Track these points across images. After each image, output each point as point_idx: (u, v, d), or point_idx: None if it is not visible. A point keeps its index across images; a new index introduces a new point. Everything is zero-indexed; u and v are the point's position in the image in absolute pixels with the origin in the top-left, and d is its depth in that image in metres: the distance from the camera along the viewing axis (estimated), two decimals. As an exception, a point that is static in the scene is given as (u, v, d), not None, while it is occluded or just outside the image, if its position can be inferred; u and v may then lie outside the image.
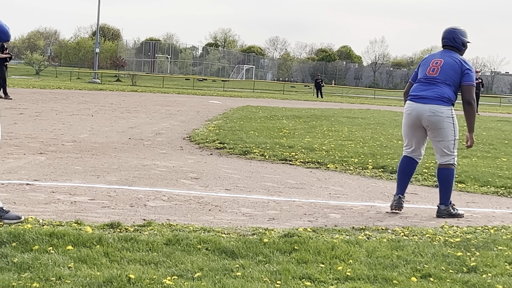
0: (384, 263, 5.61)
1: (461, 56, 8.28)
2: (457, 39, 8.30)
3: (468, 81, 8.08)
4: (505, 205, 9.13)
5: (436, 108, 8.00)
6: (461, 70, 8.09)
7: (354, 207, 8.43)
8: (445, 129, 8.05)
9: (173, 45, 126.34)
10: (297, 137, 15.94)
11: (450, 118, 8.05)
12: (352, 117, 25.14)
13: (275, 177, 10.48)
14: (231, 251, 5.71)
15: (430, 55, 8.52)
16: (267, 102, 39.90)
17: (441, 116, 8.01)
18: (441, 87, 8.05)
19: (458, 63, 8.12)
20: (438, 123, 8.03)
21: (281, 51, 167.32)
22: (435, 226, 7.32)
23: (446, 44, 8.36)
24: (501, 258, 5.94)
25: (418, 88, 8.23)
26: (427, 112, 8.03)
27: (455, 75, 8.08)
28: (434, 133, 8.11)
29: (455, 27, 8.42)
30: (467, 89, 8.09)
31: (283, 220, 7.39)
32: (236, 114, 24.23)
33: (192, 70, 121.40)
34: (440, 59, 8.21)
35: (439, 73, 8.11)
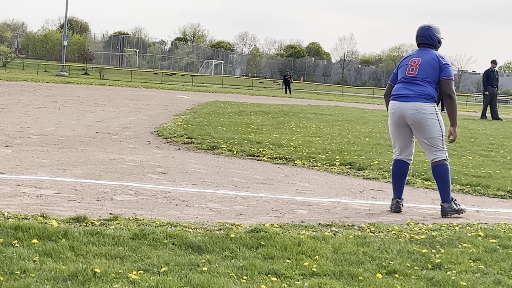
0: (350, 259, 5.63)
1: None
2: (433, 37, 8.34)
3: (447, 75, 8.12)
4: (470, 202, 9.21)
5: (418, 105, 8.02)
6: (439, 65, 8.13)
7: (321, 203, 8.45)
8: (430, 126, 8.06)
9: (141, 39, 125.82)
10: (265, 133, 15.95)
11: (434, 115, 8.07)
12: (320, 113, 25.22)
13: (243, 173, 10.48)
14: (198, 246, 5.70)
15: (407, 55, 8.53)
16: (235, 97, 39.89)
17: (424, 114, 8.03)
18: (422, 85, 8.08)
19: (435, 59, 8.16)
20: (422, 121, 8.04)
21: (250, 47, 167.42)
22: (401, 223, 7.36)
23: (422, 42, 8.38)
24: (465, 255, 5.99)
25: (399, 88, 8.26)
26: (410, 110, 8.04)
27: (434, 72, 8.11)
28: (420, 131, 8.12)
29: (429, 25, 8.45)
30: (446, 83, 8.13)
31: (250, 216, 7.39)
32: (204, 109, 24.20)
33: (161, 65, 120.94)
34: (418, 58, 8.24)
35: (418, 72, 8.14)
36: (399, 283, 5.08)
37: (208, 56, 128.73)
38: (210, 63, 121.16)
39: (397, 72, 8.48)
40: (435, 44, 8.36)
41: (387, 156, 12.83)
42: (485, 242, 6.51)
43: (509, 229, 7.23)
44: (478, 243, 6.46)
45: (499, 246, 6.39)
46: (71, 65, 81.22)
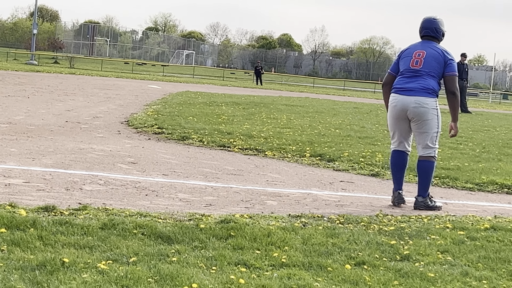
0: (319, 251, 5.65)
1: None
2: (439, 30, 8.32)
3: (451, 72, 8.13)
4: (438, 195, 9.27)
5: (421, 99, 8.01)
6: (444, 61, 8.11)
7: (291, 195, 8.47)
8: (429, 121, 8.07)
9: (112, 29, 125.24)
10: (236, 124, 15.94)
11: (435, 110, 8.08)
12: (291, 105, 25.24)
13: (213, 163, 10.47)
14: (167, 237, 5.69)
15: (410, 46, 8.42)
16: (206, 88, 39.81)
17: (426, 108, 8.02)
18: (426, 79, 8.06)
19: (441, 54, 8.13)
20: (423, 115, 8.04)
21: (222, 37, 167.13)
22: (370, 215, 7.39)
23: (427, 35, 8.34)
24: (433, 247, 6.03)
25: (402, 81, 8.21)
26: (413, 104, 8.02)
27: (438, 67, 8.09)
28: (419, 125, 8.11)
29: (435, 17, 8.41)
30: (451, 79, 8.14)
31: (220, 206, 7.39)
32: (175, 99, 24.13)
33: (132, 54, 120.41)
34: (423, 51, 8.19)
35: (423, 65, 8.10)
36: (367, 274, 5.11)
37: (179, 46, 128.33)
38: (181, 53, 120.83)
39: (398, 62, 8.41)
40: (439, 37, 8.34)
41: (357, 148, 12.89)
42: (453, 234, 6.57)
43: (476, 221, 7.30)
44: (446, 235, 6.51)
45: (467, 238, 6.44)
46: (41, 53, 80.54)
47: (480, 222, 7.27)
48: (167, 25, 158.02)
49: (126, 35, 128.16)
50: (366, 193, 8.97)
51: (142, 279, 4.57)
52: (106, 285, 4.43)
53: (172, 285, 4.53)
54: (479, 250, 6.03)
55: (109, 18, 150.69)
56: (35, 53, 73.02)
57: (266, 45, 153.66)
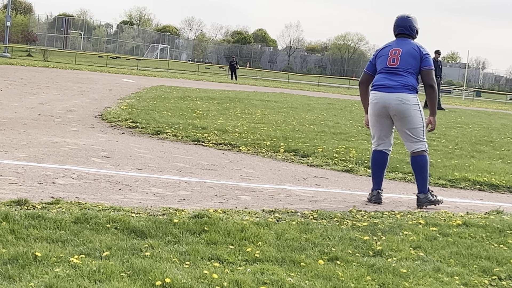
0: (293, 246, 5.66)
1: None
2: (413, 27, 8.37)
3: (428, 65, 8.18)
4: (411, 191, 9.32)
5: (403, 96, 8.05)
6: (420, 56, 8.17)
7: (265, 190, 8.48)
8: (412, 117, 8.11)
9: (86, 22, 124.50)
10: (210, 119, 15.92)
11: (417, 106, 8.13)
12: (265, 100, 25.26)
13: (187, 158, 10.46)
14: (141, 231, 5.67)
15: (386, 45, 8.45)
16: (181, 82, 39.72)
17: (408, 104, 8.06)
18: (405, 76, 8.11)
19: (416, 50, 8.19)
20: (405, 111, 8.07)
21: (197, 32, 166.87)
22: (343, 210, 7.42)
23: (401, 33, 8.39)
24: (406, 243, 6.07)
25: (382, 78, 8.24)
26: (394, 101, 8.06)
27: (415, 62, 8.15)
28: (402, 121, 8.15)
29: (408, 15, 8.46)
30: (428, 73, 8.19)
31: (193, 201, 7.38)
32: (149, 93, 24.05)
33: (106, 48, 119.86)
34: (398, 49, 8.23)
35: (400, 62, 8.15)
36: (340, 270, 5.12)
37: (154, 40, 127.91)
38: (156, 47, 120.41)
39: (374, 61, 8.44)
40: (413, 35, 8.39)
41: (331, 143, 12.93)
42: (425, 230, 6.61)
43: (449, 218, 7.34)
44: (419, 231, 6.55)
45: (439, 234, 6.48)
46: (14, 46, 79.85)
47: (452, 218, 7.32)
48: (142, 19, 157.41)
49: (101, 29, 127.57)
50: (339, 189, 9.00)
51: (115, 274, 4.55)
52: (79, 279, 4.41)
53: (145, 280, 4.51)
54: (451, 246, 6.08)
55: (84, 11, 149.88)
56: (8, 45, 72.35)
57: (241, 40, 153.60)
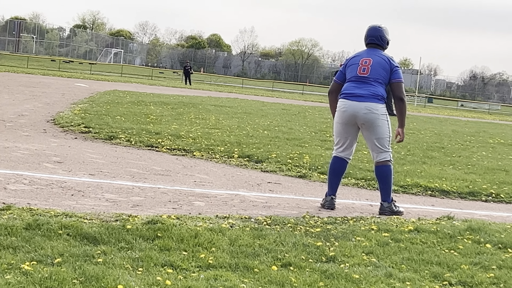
0: (246, 252, 5.67)
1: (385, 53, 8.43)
2: (384, 38, 8.42)
3: (398, 78, 8.23)
4: (364, 196, 9.40)
5: (371, 105, 8.09)
6: (390, 68, 8.21)
7: (219, 195, 8.47)
8: (380, 127, 8.15)
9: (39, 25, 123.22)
10: (164, 124, 15.88)
11: (385, 116, 8.18)
12: (219, 105, 25.25)
13: (141, 163, 10.41)
14: (93, 237, 5.63)
15: (356, 54, 8.50)
16: (135, 87, 39.50)
17: (376, 114, 8.10)
18: (374, 86, 8.15)
19: (387, 61, 8.24)
20: (374, 121, 8.11)
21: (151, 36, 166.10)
22: (297, 216, 7.45)
23: (372, 42, 8.43)
24: (358, 249, 6.11)
25: (351, 87, 8.26)
26: (363, 110, 8.09)
27: (385, 74, 8.19)
28: (370, 131, 8.19)
29: (380, 26, 8.50)
30: (398, 85, 8.25)
31: (147, 207, 7.35)
32: (102, 98, 23.89)
33: (59, 52, 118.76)
34: (369, 58, 8.27)
35: (370, 72, 8.18)
36: (293, 276, 5.15)
37: (108, 44, 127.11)
38: (110, 52, 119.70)
39: (344, 70, 8.46)
40: (384, 45, 8.44)
41: (285, 149, 12.97)
42: (377, 235, 6.66)
43: (401, 223, 7.42)
44: (371, 236, 6.60)
45: (391, 240, 6.55)
46: (-36, 49, 78.78)
47: (404, 224, 7.39)
48: (95, 23, 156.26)
49: (53, 32, 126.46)
50: (293, 195, 9.03)
51: (67, 280, 4.52)
52: (30, 286, 4.37)
53: (97, 286, 4.49)
54: (403, 252, 6.14)
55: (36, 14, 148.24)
56: (-41, 48, 71.37)
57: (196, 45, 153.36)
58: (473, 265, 5.90)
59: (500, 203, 9.94)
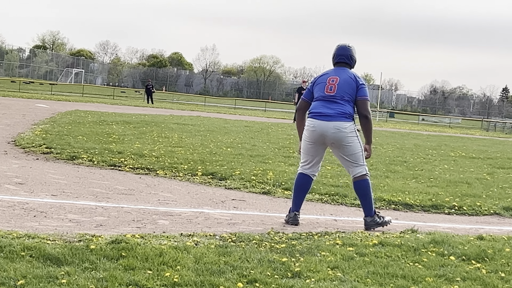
0: (212, 269, 5.65)
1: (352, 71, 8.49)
2: (353, 57, 8.49)
3: (363, 96, 8.28)
4: (328, 212, 9.43)
5: (339, 124, 8.14)
6: (356, 85, 8.27)
7: (183, 213, 8.44)
8: (350, 144, 8.20)
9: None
10: (127, 143, 15.80)
11: (353, 133, 8.23)
12: (182, 123, 25.21)
13: (104, 183, 10.34)
14: (56, 258, 5.57)
15: (324, 73, 8.55)
16: (96, 107, 39.30)
17: (345, 132, 8.15)
18: (342, 104, 8.20)
19: (353, 79, 8.29)
20: (343, 139, 8.17)
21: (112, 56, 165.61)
22: (261, 232, 7.43)
23: (341, 61, 8.49)
24: (324, 263, 6.12)
25: (319, 106, 8.31)
26: (332, 129, 8.14)
27: (351, 91, 8.24)
28: (341, 149, 8.24)
29: (349, 45, 8.57)
30: (363, 103, 8.30)
31: (111, 227, 7.30)
32: (64, 118, 23.73)
33: (19, 73, 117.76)
34: (336, 77, 8.33)
35: (337, 91, 8.23)
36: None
37: (68, 64, 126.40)
38: (70, 72, 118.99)
39: (312, 89, 8.50)
40: (351, 64, 8.51)
41: (249, 166, 12.97)
42: (342, 250, 6.67)
43: (365, 237, 7.44)
44: (336, 251, 6.61)
45: (356, 254, 6.56)
46: None
47: (369, 238, 7.42)
48: (55, 43, 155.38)
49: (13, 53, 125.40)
50: (257, 211, 9.02)
51: (31, 303, 4.46)
52: (-7, 309, 4.31)
53: (61, 308, 4.44)
54: (367, 266, 6.15)
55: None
56: None
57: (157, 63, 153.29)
58: (438, 277, 5.94)
59: (463, 216, 10.03)
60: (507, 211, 10.38)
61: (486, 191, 12.02)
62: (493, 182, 13.60)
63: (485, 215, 10.15)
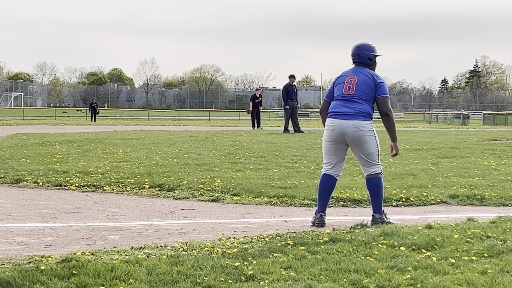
0: (165, 280, 5.63)
1: (373, 70, 8.55)
2: (362, 55, 8.53)
3: (383, 94, 8.38)
4: (278, 213, 9.46)
5: (358, 123, 8.26)
6: (375, 84, 8.37)
7: (133, 227, 8.39)
8: (368, 143, 8.33)
9: None
10: (71, 162, 15.64)
11: (372, 132, 8.35)
12: (126, 138, 25.04)
13: (50, 203, 10.23)
14: (6, 282, 5.49)
15: (343, 73, 8.63)
16: (38, 128, 38.84)
17: (363, 131, 8.27)
18: (360, 103, 8.31)
19: (371, 78, 8.38)
20: (361, 138, 8.28)
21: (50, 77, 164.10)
22: (213, 239, 7.43)
23: (355, 61, 8.61)
24: (277, 265, 6.14)
25: (338, 105, 8.42)
26: (351, 128, 8.26)
27: (370, 90, 8.35)
28: (359, 148, 8.36)
29: (360, 43, 8.66)
30: (383, 101, 8.40)
31: (60, 246, 7.22)
32: (5, 142, 23.40)
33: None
34: (354, 77, 8.43)
35: (355, 91, 8.34)
36: (214, 298, 5.13)
37: (7, 88, 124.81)
38: (10, 96, 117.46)
39: (333, 89, 8.62)
40: (366, 62, 8.55)
41: (196, 175, 12.94)
42: (294, 250, 6.70)
43: (316, 236, 7.48)
44: (288, 251, 6.64)
45: (307, 253, 6.60)
46: None
47: (320, 236, 7.46)
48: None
49: None
50: (208, 219, 9.01)
51: (-18, 328, 4.39)
52: None
53: (14, 331, 4.38)
54: (320, 263, 6.19)
55: None
56: None
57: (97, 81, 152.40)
58: (390, 268, 6.00)
59: (410, 207, 10.16)
60: (453, 199, 10.55)
61: (432, 181, 12.19)
62: (438, 171, 13.79)
63: (432, 205, 10.30)
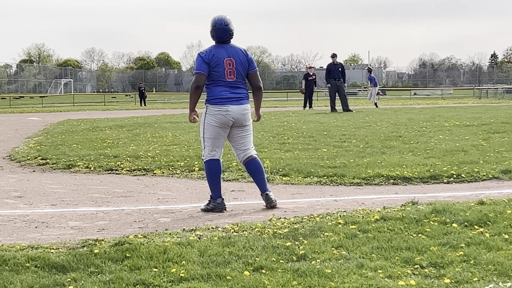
0: (217, 261, 5.67)
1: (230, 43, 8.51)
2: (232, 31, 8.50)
3: (255, 68, 8.59)
4: (328, 193, 9.45)
5: (246, 106, 8.50)
6: (247, 60, 8.46)
7: (184, 210, 8.46)
8: (250, 125, 8.60)
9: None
10: (122, 146, 15.79)
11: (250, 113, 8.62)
12: (175, 122, 25.17)
13: (102, 188, 10.35)
14: (62, 266, 5.58)
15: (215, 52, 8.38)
16: (88, 114, 39.26)
17: (249, 113, 8.54)
18: (242, 88, 8.51)
19: (244, 55, 8.47)
20: (248, 120, 8.53)
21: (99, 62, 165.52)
22: (263, 220, 7.45)
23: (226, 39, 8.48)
24: (328, 244, 6.14)
25: (225, 91, 8.38)
26: (242, 111, 8.44)
27: (244, 71, 8.46)
28: (244, 130, 8.52)
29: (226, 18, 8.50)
30: (256, 75, 8.61)
31: (113, 230, 7.31)
32: (57, 128, 23.69)
33: (8, 89, 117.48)
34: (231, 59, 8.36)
35: (237, 76, 8.37)
36: (266, 278, 5.15)
37: (57, 75, 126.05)
38: (59, 83, 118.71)
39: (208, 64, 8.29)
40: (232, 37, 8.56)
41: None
42: (345, 229, 6.69)
43: (367, 214, 7.46)
44: (339, 230, 6.63)
45: (359, 231, 6.58)
46: None
47: (370, 214, 7.44)
48: (41, 56, 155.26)
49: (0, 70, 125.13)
50: (258, 200, 9.02)
51: (39, 312, 4.47)
52: (2, 322, 4.32)
53: (71, 314, 4.45)
54: (371, 242, 6.18)
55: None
56: None
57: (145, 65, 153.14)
58: (442, 245, 5.97)
59: (462, 183, 10.06)
60: (506, 174, 10.42)
61: (483, 157, 12.05)
62: (489, 147, 13.63)
63: (484, 180, 10.19)
